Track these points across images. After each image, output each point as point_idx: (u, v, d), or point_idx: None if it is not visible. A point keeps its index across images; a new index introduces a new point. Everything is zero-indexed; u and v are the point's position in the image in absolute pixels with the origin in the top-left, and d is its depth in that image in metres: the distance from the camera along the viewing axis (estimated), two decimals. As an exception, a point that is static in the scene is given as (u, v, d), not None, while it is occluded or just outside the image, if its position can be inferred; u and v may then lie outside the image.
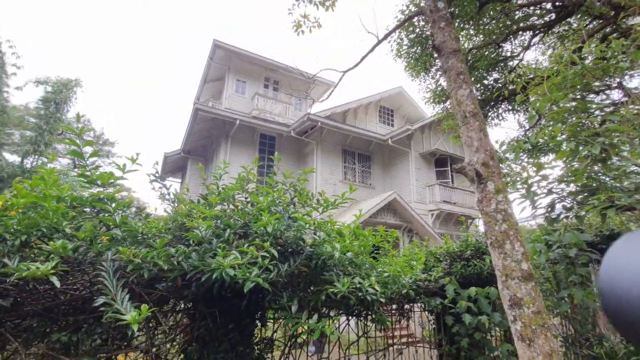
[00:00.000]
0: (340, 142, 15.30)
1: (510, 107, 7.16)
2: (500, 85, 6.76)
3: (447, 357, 3.62)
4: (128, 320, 1.49)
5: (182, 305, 2.53)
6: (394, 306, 3.72)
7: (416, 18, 6.27)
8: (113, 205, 1.95)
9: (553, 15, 5.87)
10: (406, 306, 3.72)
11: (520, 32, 6.34)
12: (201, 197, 2.88)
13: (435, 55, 6.46)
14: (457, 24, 6.20)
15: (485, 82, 6.93)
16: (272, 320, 2.71)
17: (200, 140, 15.71)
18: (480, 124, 2.08)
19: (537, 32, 6.22)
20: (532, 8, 6.08)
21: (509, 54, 6.83)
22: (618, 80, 2.85)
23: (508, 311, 1.72)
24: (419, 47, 6.61)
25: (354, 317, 2.95)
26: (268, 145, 14.89)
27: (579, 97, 2.65)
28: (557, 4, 5.61)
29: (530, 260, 2.06)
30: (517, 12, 6.19)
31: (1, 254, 1.67)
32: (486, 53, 6.55)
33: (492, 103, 6.96)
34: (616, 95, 3.10)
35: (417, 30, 6.49)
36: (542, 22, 6.06)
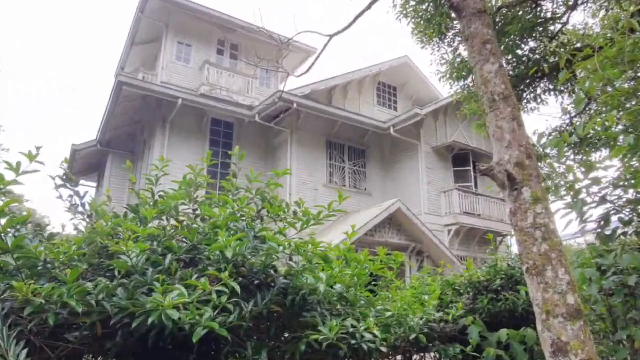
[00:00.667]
0: (324, 131, 15.41)
1: (551, 86, 7.45)
2: (538, 56, 7.03)
3: None
4: (26, 386, 1.45)
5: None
6: (399, 357, 3.77)
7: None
8: (2, 221, 1.90)
9: (606, -34, 6.18)
10: (415, 356, 3.78)
11: (565, -13, 6.63)
12: (129, 209, 2.84)
13: (454, 15, 6.64)
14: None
15: (519, 52, 7.18)
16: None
17: (126, 127, 15.41)
18: (513, 110, 2.17)
19: (586, -14, 6.52)
20: (579, -45, 6.38)
21: (549, 14, 7.12)
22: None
23: (550, 360, 1.80)
24: (431, 4, 6.78)
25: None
26: (223, 134, 14.79)
27: None
28: (611, -50, 5.91)
29: (578, 292, 2.15)
30: (560, -40, 6.48)
31: None
32: (520, 14, 6.80)
33: (528, 80, 7.23)
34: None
35: (429, -20, 6.67)
36: (593, -27, 6.36)
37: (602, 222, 2.82)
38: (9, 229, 1.93)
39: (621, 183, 2.86)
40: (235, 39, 16.83)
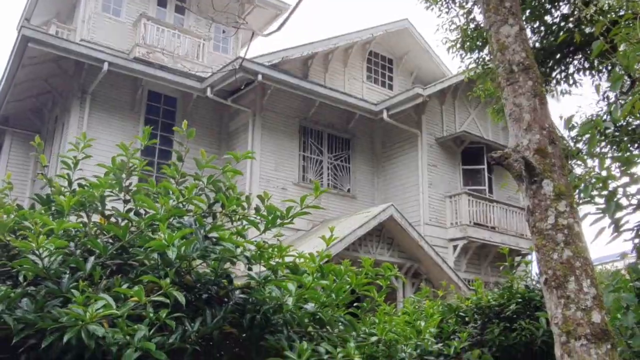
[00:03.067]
0: (298, 114, 15.47)
1: (587, 64, 7.72)
2: (571, 25, 7.27)
3: None
4: None
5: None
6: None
7: None
8: None
9: None
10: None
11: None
12: (37, 200, 2.83)
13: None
14: None
15: (549, 19, 7.41)
16: None
17: (31, 99, 15.09)
18: (535, 84, 2.27)
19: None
20: None
21: (587, -27, 7.39)
22: None
23: (570, 392, 1.90)
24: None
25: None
26: (163, 113, 14.65)
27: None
28: None
29: (611, 322, 2.24)
30: None
31: None
32: (551, -30, 7.03)
33: (559, 56, 7.47)
34: None
35: None
36: None
37: (641, 231, 2.97)
38: None
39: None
40: (182, -13, 16.72)
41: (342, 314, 2.95)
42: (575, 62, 7.66)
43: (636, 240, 3.00)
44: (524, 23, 7.18)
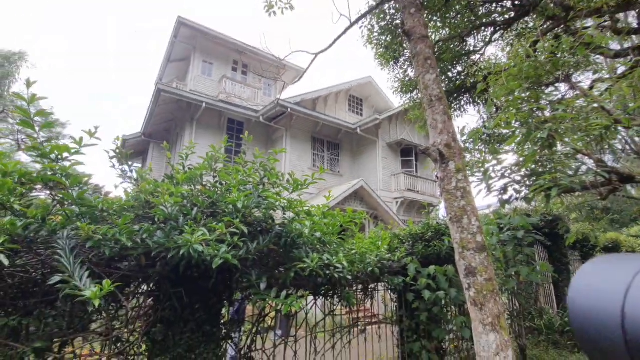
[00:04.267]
0: (310, 130, 15.27)
1: (471, 100, 7.53)
2: (463, 77, 7.07)
3: (407, 331, 3.84)
4: (88, 296, 1.42)
5: (145, 288, 2.46)
6: (360, 287, 3.84)
7: (387, 5, 6.33)
8: (69, 180, 1.83)
9: (512, 14, 6.21)
10: (371, 285, 3.86)
11: (483, 28, 6.64)
12: (166, 177, 2.77)
13: (405, 41, 6.58)
14: (425, 16, 6.33)
15: (450, 74, 7.20)
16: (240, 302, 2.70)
17: (163, 123, 14.95)
18: (445, 107, 2.18)
19: (497, 28, 6.55)
20: (494, 5, 6.39)
21: (472, 48, 7.14)
22: (565, 74, 3.10)
23: (463, 280, 1.86)
24: (389, 35, 6.70)
25: (321, 298, 3.02)
26: (236, 130, 14.50)
27: (532, 87, 2.85)
28: (516, 2, 5.93)
29: (484, 235, 2.22)
30: (480, 8, 6.47)
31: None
32: (451, 46, 6.79)
33: (455, 95, 7.27)
34: (563, 88, 3.38)
35: (388, 17, 6.56)
36: (503, 19, 6.39)
37: (502, 191, 2.90)
38: (74, 186, 1.86)
39: (516, 165, 2.93)
40: (245, 60, 16.39)
41: (335, 239, 2.90)
42: (465, 98, 7.47)
43: (499, 197, 2.92)
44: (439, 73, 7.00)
